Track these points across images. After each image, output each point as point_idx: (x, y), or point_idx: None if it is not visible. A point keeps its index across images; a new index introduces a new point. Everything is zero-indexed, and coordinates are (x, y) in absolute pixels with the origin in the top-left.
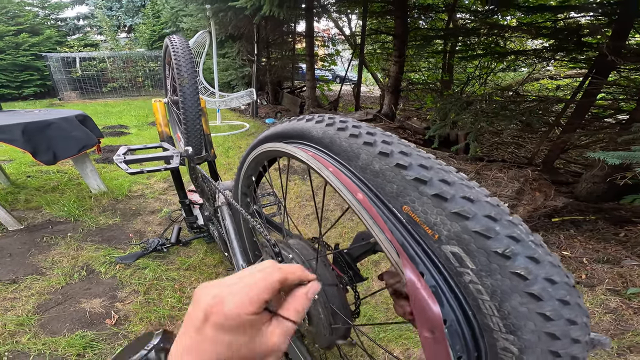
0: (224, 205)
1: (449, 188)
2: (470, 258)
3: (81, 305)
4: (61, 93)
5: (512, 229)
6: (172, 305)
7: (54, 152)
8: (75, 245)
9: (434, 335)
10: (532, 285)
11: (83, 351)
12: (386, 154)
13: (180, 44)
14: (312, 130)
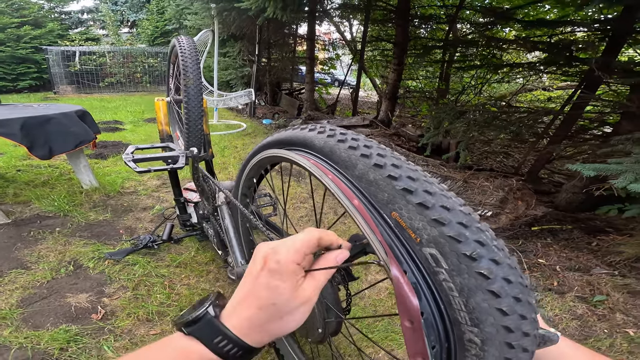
0: (223, 205)
1: (430, 197)
2: (444, 259)
3: (67, 299)
4: (57, 87)
5: (479, 235)
6: (161, 301)
7: (50, 147)
8: (63, 240)
9: (412, 325)
10: (493, 283)
11: (67, 345)
12: (380, 166)
13: (187, 44)
14: (314, 140)
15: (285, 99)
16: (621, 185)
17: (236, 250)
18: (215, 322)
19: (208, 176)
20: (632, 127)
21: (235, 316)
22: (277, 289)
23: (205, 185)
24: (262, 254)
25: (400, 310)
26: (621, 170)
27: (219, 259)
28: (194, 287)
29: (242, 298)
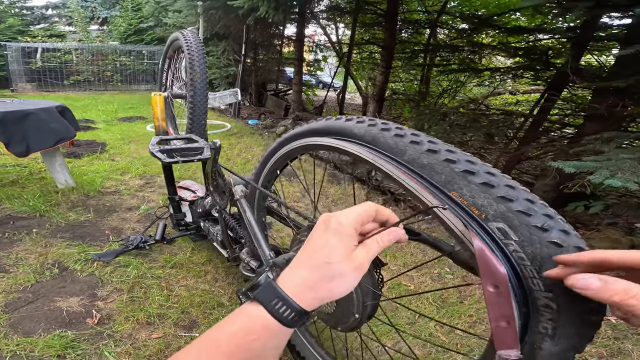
0: (242, 199)
1: (494, 178)
2: (514, 232)
3: (56, 304)
4: (15, 84)
5: (545, 209)
6: (160, 303)
7: (27, 144)
8: (43, 242)
9: (498, 290)
10: (566, 251)
11: (64, 352)
12: (435, 151)
13: (193, 38)
14: (353, 129)
15: (271, 99)
16: (597, 181)
17: (263, 244)
18: (272, 284)
19: (229, 170)
20: (598, 128)
21: (289, 277)
22: (334, 247)
23: (221, 179)
24: (323, 218)
25: (485, 278)
26: (596, 167)
27: (217, 258)
28: (193, 287)
29: (299, 259)
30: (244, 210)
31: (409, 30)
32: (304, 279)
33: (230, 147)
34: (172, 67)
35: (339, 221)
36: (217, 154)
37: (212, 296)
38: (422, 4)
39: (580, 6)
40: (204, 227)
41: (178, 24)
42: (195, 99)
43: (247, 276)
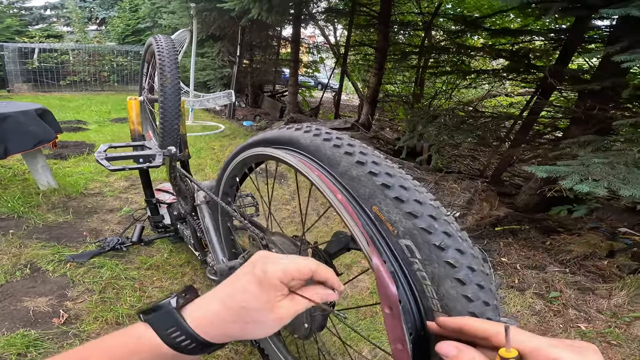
0: (203, 204)
1: (405, 192)
2: (418, 250)
3: (23, 304)
4: (11, 84)
5: (446, 227)
6: (131, 304)
7: (5, 147)
8: (17, 243)
9: (392, 312)
10: (459, 272)
11: (25, 350)
12: (362, 163)
13: (165, 43)
14: (300, 139)
15: (267, 101)
16: (568, 186)
17: (217, 249)
18: (172, 312)
19: (187, 175)
20: (580, 132)
21: (199, 309)
22: (253, 295)
23: (183, 184)
24: (254, 258)
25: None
26: (568, 171)
27: (196, 260)
28: (168, 289)
29: (215, 293)
30: (203, 216)
31: (403, 32)
32: (215, 314)
33: (222, 148)
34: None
35: (265, 270)
36: (174, 160)
37: None
38: (416, 5)
39: (555, 7)
40: (180, 229)
41: (173, 25)
42: (166, 104)
43: (212, 280)
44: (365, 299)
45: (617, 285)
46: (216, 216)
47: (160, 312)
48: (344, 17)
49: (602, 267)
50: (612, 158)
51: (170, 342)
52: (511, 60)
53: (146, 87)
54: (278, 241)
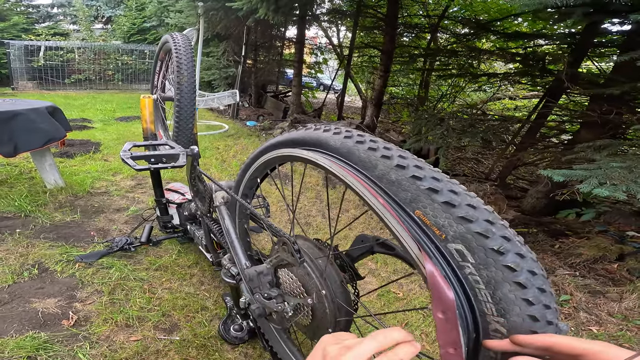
0: (222, 206)
1: (456, 197)
2: (471, 254)
3: (32, 305)
4: (16, 82)
5: (504, 231)
6: (141, 305)
7: (15, 145)
8: (25, 242)
9: (446, 316)
10: (519, 275)
11: (35, 353)
12: (403, 167)
13: (183, 41)
14: (329, 140)
15: (270, 101)
16: (586, 190)
17: (239, 252)
18: None
19: (208, 176)
20: (592, 136)
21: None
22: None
23: (201, 185)
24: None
25: (435, 303)
26: (586, 175)
27: (204, 261)
28: (177, 290)
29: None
30: (222, 218)
31: (409, 34)
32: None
33: (226, 148)
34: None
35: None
36: (195, 160)
37: (197, 299)
38: (423, 8)
39: (578, 11)
40: (190, 230)
41: (180, 24)
42: (182, 102)
43: (228, 283)
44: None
45: (628, 288)
46: (234, 217)
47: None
48: (348, 18)
49: (612, 270)
50: (629, 162)
51: None
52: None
53: (159, 86)
54: (303, 245)
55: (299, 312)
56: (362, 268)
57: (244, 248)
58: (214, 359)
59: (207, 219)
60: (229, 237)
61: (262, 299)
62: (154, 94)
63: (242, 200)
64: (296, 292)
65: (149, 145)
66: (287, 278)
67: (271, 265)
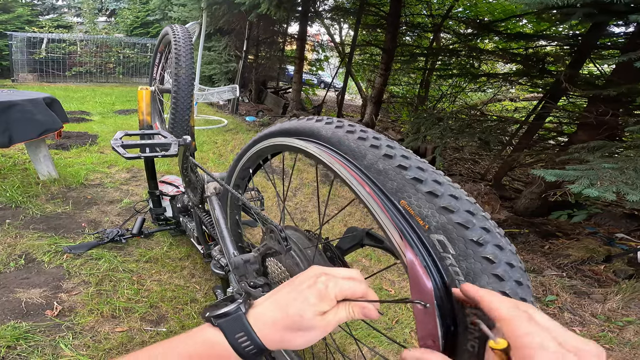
0: (213, 196)
1: (439, 187)
2: (452, 245)
3: (16, 295)
4: (16, 74)
5: (484, 222)
6: (128, 297)
7: (10, 135)
8: (13, 233)
9: (425, 307)
10: (497, 267)
11: (15, 343)
12: (390, 156)
13: (182, 33)
14: (321, 130)
15: (270, 97)
16: (577, 190)
17: (228, 242)
18: (243, 318)
19: (199, 166)
20: (587, 137)
21: (262, 315)
22: (312, 305)
23: (194, 175)
24: (315, 272)
25: (414, 293)
26: (577, 176)
27: (196, 253)
28: (166, 282)
29: (276, 301)
30: (213, 208)
31: (411, 33)
32: (275, 321)
33: (224, 143)
34: (163, 61)
35: (327, 285)
36: (187, 150)
37: (186, 292)
38: (426, 7)
39: (579, 12)
40: (182, 222)
41: (183, 18)
42: (179, 94)
43: (217, 274)
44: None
45: (613, 290)
46: (225, 208)
47: (232, 318)
48: (351, 16)
49: (598, 271)
50: (621, 163)
51: (239, 348)
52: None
53: (157, 78)
54: (292, 235)
55: None
56: (356, 265)
57: (233, 239)
58: None
59: (199, 210)
60: (219, 227)
61: (247, 287)
62: (152, 86)
63: (233, 190)
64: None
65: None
66: (276, 268)
67: (258, 253)
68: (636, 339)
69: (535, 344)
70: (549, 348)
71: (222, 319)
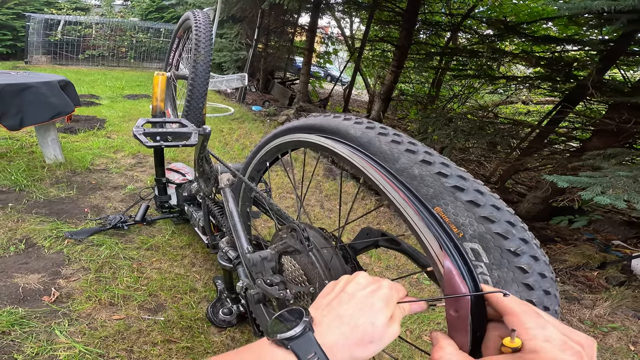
0: (227, 187)
1: (481, 197)
2: (486, 254)
3: (14, 280)
4: (30, 56)
5: (523, 233)
6: (127, 284)
7: (22, 118)
8: (15, 217)
9: (458, 314)
10: (529, 277)
11: (9, 328)
12: (429, 163)
13: (204, 19)
14: (349, 129)
15: (277, 87)
16: (588, 197)
17: (241, 236)
18: (312, 338)
19: (216, 156)
20: (602, 144)
21: (329, 332)
22: (380, 311)
23: (208, 166)
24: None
25: (449, 300)
26: (590, 183)
27: (197, 243)
28: (166, 271)
29: (339, 316)
30: (227, 200)
31: (426, 31)
32: (346, 337)
33: (230, 131)
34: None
35: (390, 288)
36: (206, 140)
37: (186, 281)
38: (446, 6)
39: (624, 18)
40: (187, 211)
41: (198, 3)
42: (196, 81)
43: (224, 266)
44: None
45: (603, 296)
46: (237, 200)
47: (304, 339)
48: (364, 10)
49: (591, 278)
50: (636, 171)
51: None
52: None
53: (173, 64)
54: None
55: (299, 300)
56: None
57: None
58: (199, 341)
59: (209, 200)
60: (232, 220)
61: (264, 285)
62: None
63: (250, 183)
64: (298, 280)
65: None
66: (290, 265)
67: (276, 251)
68: (618, 345)
69: (542, 336)
70: (555, 340)
71: (294, 340)
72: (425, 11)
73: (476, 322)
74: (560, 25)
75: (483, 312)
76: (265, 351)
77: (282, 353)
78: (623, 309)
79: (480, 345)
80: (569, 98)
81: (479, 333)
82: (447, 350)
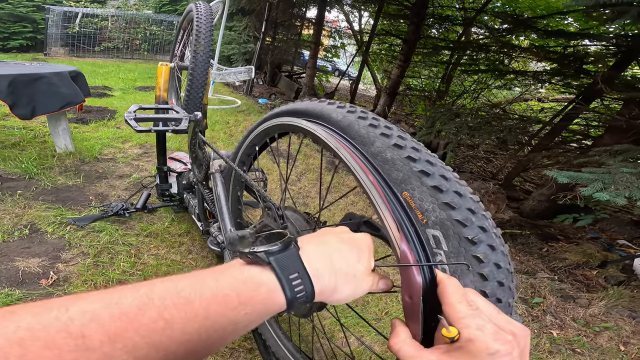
0: (217, 173)
1: (446, 182)
2: (446, 241)
3: (15, 263)
4: (49, 48)
5: (483, 221)
6: (124, 269)
7: (33, 107)
8: (23, 204)
9: (412, 300)
10: (484, 267)
11: None
12: (400, 147)
13: (205, 11)
14: (332, 113)
15: (284, 80)
16: (588, 193)
17: (225, 217)
18: (297, 256)
19: (207, 142)
20: (614, 141)
21: (315, 255)
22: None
23: (201, 152)
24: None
25: (404, 286)
26: (591, 179)
27: (195, 231)
28: (163, 257)
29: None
30: (215, 184)
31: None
32: (332, 263)
33: (236, 123)
34: (185, 39)
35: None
36: (198, 126)
37: (181, 267)
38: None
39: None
40: (186, 199)
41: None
42: (195, 71)
43: (213, 250)
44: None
45: (599, 295)
46: (228, 185)
47: (287, 253)
48: (372, 4)
49: (590, 277)
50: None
51: (290, 294)
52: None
53: (178, 55)
54: (291, 217)
55: None
56: None
57: (233, 215)
58: None
59: (202, 186)
60: (219, 202)
61: None
62: (172, 62)
63: (235, 166)
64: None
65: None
66: None
67: (254, 230)
68: (608, 345)
69: (475, 325)
70: (487, 329)
71: (276, 255)
72: (436, 5)
73: (429, 310)
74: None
75: (437, 301)
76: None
77: (257, 270)
78: (619, 309)
79: (434, 335)
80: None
81: (434, 323)
82: (400, 337)
